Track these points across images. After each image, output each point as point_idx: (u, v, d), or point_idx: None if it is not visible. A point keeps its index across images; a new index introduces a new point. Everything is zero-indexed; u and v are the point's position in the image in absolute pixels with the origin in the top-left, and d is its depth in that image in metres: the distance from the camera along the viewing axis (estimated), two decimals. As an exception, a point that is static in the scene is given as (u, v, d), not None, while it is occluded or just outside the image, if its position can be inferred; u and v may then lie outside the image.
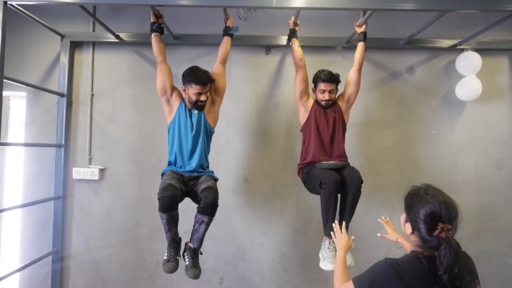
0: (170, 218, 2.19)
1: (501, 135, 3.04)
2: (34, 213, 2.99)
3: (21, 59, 3.04)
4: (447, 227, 1.21)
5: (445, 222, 1.23)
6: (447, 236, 1.21)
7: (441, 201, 1.26)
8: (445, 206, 1.25)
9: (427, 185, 1.37)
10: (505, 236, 3.02)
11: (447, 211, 1.24)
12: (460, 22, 3.02)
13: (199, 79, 2.31)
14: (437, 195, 1.29)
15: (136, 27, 3.00)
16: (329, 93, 2.54)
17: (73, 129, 3.04)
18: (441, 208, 1.24)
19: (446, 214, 1.24)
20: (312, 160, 2.52)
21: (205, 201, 2.16)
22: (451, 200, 1.28)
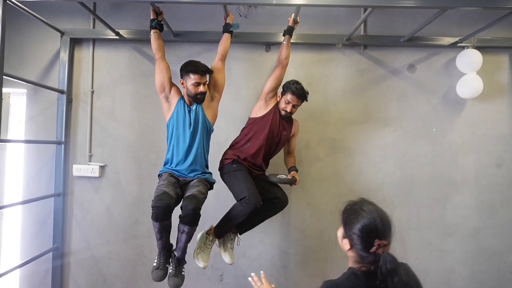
0: (162, 227, 2.17)
1: (501, 133, 3.04)
2: (34, 210, 3.00)
3: (21, 56, 3.04)
4: (383, 243, 1.22)
5: (381, 238, 1.23)
6: (383, 252, 1.21)
7: (376, 217, 1.26)
8: (380, 221, 1.25)
9: (363, 200, 1.35)
10: (504, 234, 3.02)
11: (383, 227, 1.25)
12: (460, 20, 3.01)
13: (197, 68, 2.31)
14: (373, 211, 1.28)
15: (136, 24, 2.99)
16: (292, 107, 2.54)
17: (73, 126, 3.04)
18: (377, 224, 1.24)
19: (382, 230, 1.24)
20: (246, 159, 2.54)
21: (184, 211, 2.12)
22: (385, 214, 1.29)
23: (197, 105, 2.42)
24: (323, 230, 3.04)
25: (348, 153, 3.04)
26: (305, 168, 3.01)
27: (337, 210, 2.82)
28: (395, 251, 3.15)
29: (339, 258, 3.03)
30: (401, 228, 3.03)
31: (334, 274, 3.14)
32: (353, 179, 3.05)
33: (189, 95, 2.39)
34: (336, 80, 3.05)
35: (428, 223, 3.03)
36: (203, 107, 2.43)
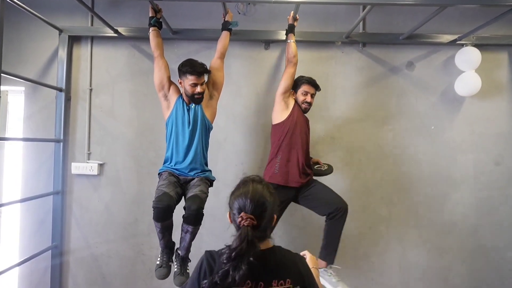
0: (163, 227, 2.18)
1: (499, 130, 3.05)
2: (33, 208, 2.99)
3: (19, 54, 3.02)
4: (247, 215, 1.23)
5: (248, 212, 1.25)
6: (243, 225, 1.22)
7: (248, 192, 1.28)
8: (252, 198, 1.26)
9: (252, 177, 1.38)
10: (503, 231, 3.03)
11: (253, 204, 1.25)
12: (460, 17, 3.01)
13: (193, 69, 2.29)
14: (250, 189, 1.30)
15: (134, 22, 2.98)
16: (310, 97, 2.57)
17: (72, 124, 3.04)
18: (246, 200, 1.26)
19: (250, 207, 1.25)
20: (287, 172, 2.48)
21: (188, 211, 2.13)
22: (262, 194, 1.29)
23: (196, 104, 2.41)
24: (322, 228, 3.03)
25: (347, 151, 3.04)
26: (304, 166, 3.01)
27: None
28: (393, 248, 3.15)
29: (338, 255, 3.03)
30: (399, 226, 3.04)
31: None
32: (352, 177, 3.05)
33: (186, 95, 2.38)
34: (335, 78, 3.05)
35: (426, 220, 3.03)
36: (202, 105, 2.42)
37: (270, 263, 1.27)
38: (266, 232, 1.32)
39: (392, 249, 3.04)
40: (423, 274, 3.03)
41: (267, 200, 1.29)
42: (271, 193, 1.34)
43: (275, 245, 1.35)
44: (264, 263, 1.25)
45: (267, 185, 1.36)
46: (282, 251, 1.34)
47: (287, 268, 1.28)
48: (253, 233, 1.21)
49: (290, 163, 2.50)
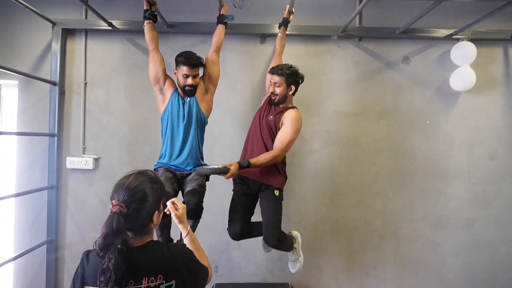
0: (162, 224, 2.15)
1: (494, 125, 3.06)
2: (28, 203, 2.98)
3: (12, 47, 2.99)
4: (117, 202, 1.22)
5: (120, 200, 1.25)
6: (111, 211, 1.21)
7: (125, 182, 1.28)
8: (127, 187, 1.26)
9: (142, 170, 1.36)
10: (497, 225, 3.06)
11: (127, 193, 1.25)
12: (455, 12, 3.01)
13: (187, 60, 2.29)
14: (130, 179, 1.29)
15: (129, 15, 2.95)
16: (275, 86, 2.39)
17: (66, 118, 3.01)
18: (121, 189, 1.26)
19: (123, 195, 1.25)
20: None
21: (188, 207, 2.08)
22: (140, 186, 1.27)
23: (191, 98, 2.40)
24: (318, 222, 3.05)
25: (342, 146, 3.05)
26: (300, 161, 3.01)
27: (332, 202, 2.85)
28: (388, 242, 3.17)
29: (334, 249, 3.06)
30: (394, 220, 3.05)
31: (329, 265, 3.18)
32: (348, 172, 3.05)
33: (179, 86, 2.37)
34: (331, 72, 3.04)
35: (421, 214, 3.05)
36: (197, 99, 2.41)
37: (141, 261, 1.23)
38: (144, 226, 1.29)
39: (387, 243, 3.06)
40: (418, 267, 3.06)
41: (144, 192, 1.27)
42: (154, 188, 1.30)
43: (153, 240, 1.32)
44: (135, 261, 1.22)
45: (153, 179, 1.33)
46: (158, 246, 1.30)
47: (160, 263, 1.25)
48: (120, 221, 1.19)
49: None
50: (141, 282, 1.21)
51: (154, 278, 1.22)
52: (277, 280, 3.02)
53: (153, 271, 1.23)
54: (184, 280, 1.28)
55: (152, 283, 1.21)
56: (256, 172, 2.40)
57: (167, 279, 1.24)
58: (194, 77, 2.32)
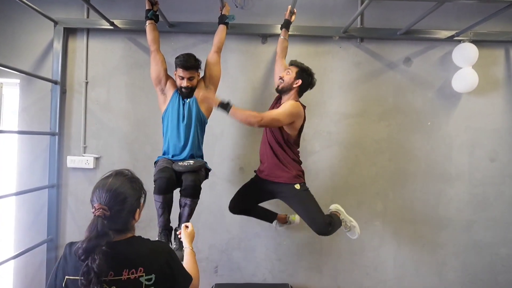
0: (164, 201, 2.19)
1: (495, 127, 3.06)
2: (29, 202, 2.98)
3: (14, 46, 2.99)
4: (99, 205, 1.25)
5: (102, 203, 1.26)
6: (95, 215, 1.24)
7: (106, 183, 1.31)
8: (108, 189, 1.29)
9: (119, 170, 1.41)
10: (497, 227, 3.05)
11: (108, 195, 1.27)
12: (457, 13, 3.01)
13: (182, 62, 2.32)
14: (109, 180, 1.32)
15: (131, 14, 2.96)
16: (287, 74, 2.47)
17: (67, 117, 3.02)
18: (102, 191, 1.28)
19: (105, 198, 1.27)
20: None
21: (185, 183, 2.18)
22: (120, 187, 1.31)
23: (191, 98, 2.41)
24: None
25: (343, 146, 3.05)
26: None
27: (332, 202, 2.85)
28: (388, 243, 3.16)
29: (333, 250, 3.06)
30: (394, 221, 3.05)
31: (328, 266, 3.18)
32: (348, 172, 3.05)
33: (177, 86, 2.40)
34: (332, 73, 3.04)
35: (421, 216, 3.05)
36: (197, 100, 2.42)
37: (122, 254, 1.27)
38: (126, 224, 1.33)
39: (387, 244, 3.05)
40: (418, 269, 3.06)
41: (125, 193, 1.30)
42: (134, 188, 1.34)
43: (135, 235, 1.36)
44: (116, 254, 1.25)
45: (131, 179, 1.37)
46: (140, 241, 1.34)
47: (141, 257, 1.28)
48: (104, 224, 1.22)
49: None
50: (121, 273, 1.24)
51: (135, 270, 1.25)
52: (277, 281, 3.02)
53: (134, 264, 1.26)
54: (164, 276, 1.31)
55: (132, 275, 1.24)
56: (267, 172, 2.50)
57: (147, 272, 1.27)
58: (189, 79, 2.35)
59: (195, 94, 2.42)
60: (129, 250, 1.30)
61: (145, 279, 1.26)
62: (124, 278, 1.24)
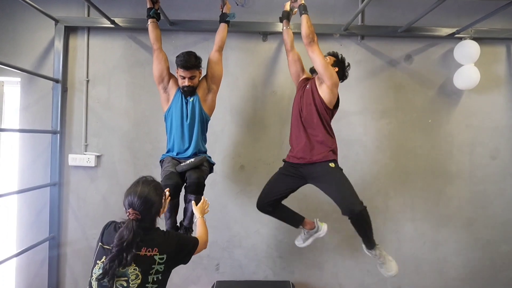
0: (171, 206, 2.23)
1: (496, 124, 3.06)
2: (30, 200, 2.99)
3: (15, 44, 2.99)
4: (133, 211, 1.62)
5: (135, 209, 1.62)
6: (130, 218, 1.61)
7: (133, 192, 1.65)
8: (139, 197, 1.63)
9: (144, 178, 1.74)
10: (498, 224, 3.06)
11: (139, 201, 1.62)
12: (458, 11, 3.00)
13: (182, 62, 2.32)
14: (139, 189, 1.66)
15: (131, 12, 2.96)
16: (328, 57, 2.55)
17: (69, 116, 3.02)
18: (134, 198, 1.63)
19: (137, 204, 1.62)
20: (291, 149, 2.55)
21: (189, 180, 2.22)
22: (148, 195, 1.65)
23: (194, 97, 2.42)
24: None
25: (344, 144, 3.04)
26: (302, 159, 3.01)
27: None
28: (390, 241, 3.16)
29: (334, 247, 3.06)
30: (395, 219, 3.06)
31: (330, 263, 3.18)
32: (349, 170, 3.03)
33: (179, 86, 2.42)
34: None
35: (422, 213, 3.05)
36: (200, 99, 2.43)
37: (144, 237, 1.63)
38: (153, 222, 1.72)
39: (388, 242, 3.06)
40: (418, 266, 3.06)
41: (152, 199, 1.66)
42: (158, 194, 1.71)
43: (156, 227, 1.74)
44: (141, 237, 1.61)
45: (156, 186, 1.73)
46: (159, 231, 1.73)
47: (158, 241, 1.66)
48: (137, 225, 1.60)
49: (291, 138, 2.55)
50: (141, 250, 1.61)
51: (151, 249, 1.64)
52: (278, 278, 3.03)
53: (151, 245, 1.64)
54: (175, 256, 1.70)
55: (149, 252, 1.63)
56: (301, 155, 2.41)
57: (160, 252, 1.65)
58: (190, 78, 2.36)
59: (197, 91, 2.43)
60: (150, 235, 1.66)
61: (158, 258, 1.64)
62: (142, 254, 1.62)
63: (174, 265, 1.73)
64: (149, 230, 1.67)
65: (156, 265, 1.62)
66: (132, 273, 1.58)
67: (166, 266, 1.66)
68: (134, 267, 1.59)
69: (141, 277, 1.59)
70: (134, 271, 1.59)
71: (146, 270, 1.60)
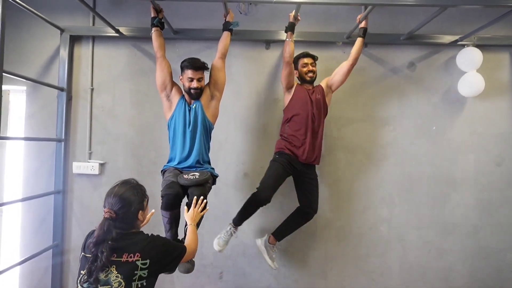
0: (172, 217, 2.19)
1: (500, 131, 3.04)
2: (34, 207, 3.00)
3: (21, 53, 3.03)
4: (107, 209, 1.60)
5: (111, 208, 1.60)
6: (104, 217, 1.60)
7: (113, 191, 1.64)
8: (114, 195, 1.62)
9: (125, 180, 1.73)
10: (503, 232, 3.03)
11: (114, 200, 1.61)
12: (461, 18, 3.01)
13: (191, 63, 2.35)
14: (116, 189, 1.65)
15: (136, 21, 2.99)
16: (313, 66, 2.72)
17: (73, 124, 3.04)
18: (110, 198, 1.63)
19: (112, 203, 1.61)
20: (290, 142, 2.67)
21: (190, 198, 2.13)
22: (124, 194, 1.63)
23: (197, 104, 2.41)
24: (323, 229, 3.04)
25: (348, 152, 3.04)
26: (305, 166, 3.01)
27: (337, 208, 2.84)
28: (394, 249, 3.13)
29: (338, 256, 3.04)
30: (400, 226, 3.04)
31: (334, 272, 3.16)
32: (353, 178, 3.04)
33: (185, 91, 2.41)
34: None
35: (427, 221, 3.03)
36: (203, 106, 2.42)
37: (126, 242, 1.60)
38: (132, 223, 1.66)
39: (392, 250, 3.03)
40: (424, 274, 3.03)
41: (128, 198, 1.63)
42: (136, 194, 1.67)
43: (139, 231, 1.70)
44: (122, 242, 1.59)
45: (135, 187, 1.70)
46: (141, 235, 1.68)
47: (140, 246, 1.62)
48: (110, 224, 1.58)
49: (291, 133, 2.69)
50: (122, 256, 1.58)
51: (133, 255, 1.59)
52: (282, 287, 3.01)
53: (133, 250, 1.60)
54: (158, 261, 1.65)
55: (131, 258, 1.58)
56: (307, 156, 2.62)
57: (143, 257, 1.60)
58: (198, 80, 2.37)
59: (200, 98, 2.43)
60: (131, 240, 1.63)
61: (140, 263, 1.59)
62: (124, 260, 1.58)
63: (159, 271, 1.69)
64: (128, 232, 1.63)
65: (139, 271, 1.57)
66: (114, 280, 1.54)
67: (149, 271, 1.60)
68: (116, 274, 1.55)
69: (124, 284, 1.54)
70: (116, 278, 1.55)
71: (128, 276, 1.55)
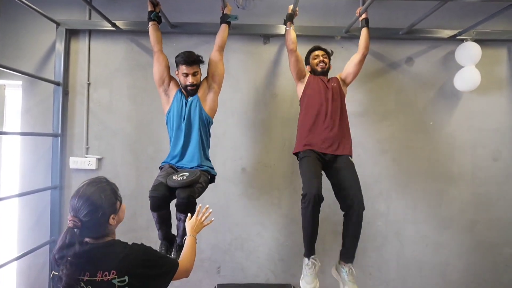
0: (160, 217, 2.19)
1: (498, 126, 3.05)
2: (31, 203, 2.99)
3: (16, 48, 3.00)
4: (71, 217, 1.34)
5: (75, 214, 1.34)
6: (68, 226, 1.33)
7: (77, 193, 1.37)
8: (79, 197, 1.36)
9: (93, 179, 1.46)
10: (500, 227, 3.04)
11: (79, 204, 1.35)
12: (460, 12, 3.00)
13: (184, 58, 2.30)
14: (81, 190, 1.38)
15: (132, 15, 2.96)
16: (322, 56, 2.65)
17: (70, 119, 3.02)
18: (74, 201, 1.36)
19: (77, 207, 1.34)
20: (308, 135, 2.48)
21: (177, 199, 2.10)
22: (91, 197, 1.37)
23: (193, 97, 2.39)
24: (321, 223, 3.02)
25: (345, 146, 3.04)
26: (303, 161, 3.01)
27: (335, 203, 2.85)
28: (391, 244, 3.14)
29: (336, 250, 3.04)
30: (397, 221, 3.05)
31: (331, 266, 3.17)
32: (351, 172, 3.04)
33: (181, 86, 2.39)
34: (334, 73, 3.02)
35: (424, 216, 3.04)
36: (200, 99, 2.39)
37: (98, 256, 1.35)
38: (102, 230, 1.39)
39: (390, 244, 3.05)
40: (420, 269, 3.05)
41: (96, 202, 1.36)
42: (105, 196, 1.40)
43: (114, 239, 1.44)
44: (92, 256, 1.34)
45: (104, 188, 1.42)
46: (116, 245, 1.41)
47: (115, 261, 1.35)
48: (74, 234, 1.31)
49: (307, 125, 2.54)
50: (96, 275, 1.32)
51: (108, 273, 1.32)
52: (280, 281, 3.02)
53: (107, 267, 1.33)
54: (139, 277, 1.37)
55: (106, 277, 1.32)
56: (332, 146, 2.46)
57: (120, 275, 1.33)
58: (193, 74, 2.33)
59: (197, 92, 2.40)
60: (104, 253, 1.37)
61: (117, 281, 1.33)
62: (98, 279, 1.32)
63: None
64: (99, 243, 1.38)
65: None
66: None
67: None
68: None
69: None
70: None
71: None
